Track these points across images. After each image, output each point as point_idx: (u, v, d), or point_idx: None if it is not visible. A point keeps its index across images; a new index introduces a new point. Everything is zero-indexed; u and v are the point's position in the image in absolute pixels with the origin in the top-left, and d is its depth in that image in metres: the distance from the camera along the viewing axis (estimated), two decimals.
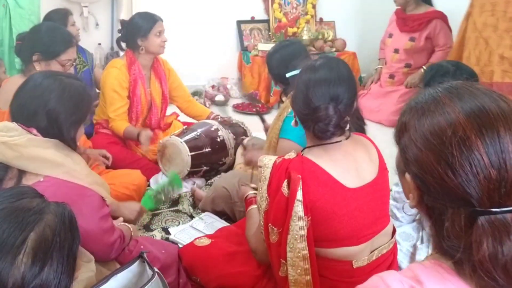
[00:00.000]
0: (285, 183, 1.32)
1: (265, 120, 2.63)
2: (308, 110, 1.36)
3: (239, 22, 4.90)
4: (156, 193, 2.35)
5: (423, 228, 1.89)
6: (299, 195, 1.29)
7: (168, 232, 2.29)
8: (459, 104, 0.74)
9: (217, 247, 1.80)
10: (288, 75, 2.04)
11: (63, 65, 2.28)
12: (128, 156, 2.80)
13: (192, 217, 2.45)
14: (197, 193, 2.61)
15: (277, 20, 4.92)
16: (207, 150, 2.75)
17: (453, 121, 0.73)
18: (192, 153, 2.66)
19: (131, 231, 1.71)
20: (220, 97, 4.66)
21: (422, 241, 1.94)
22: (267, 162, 1.40)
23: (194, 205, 2.58)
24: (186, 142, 2.69)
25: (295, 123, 1.46)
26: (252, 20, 4.96)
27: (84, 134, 2.71)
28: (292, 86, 1.49)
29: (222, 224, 2.31)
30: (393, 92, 4.15)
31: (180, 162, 2.68)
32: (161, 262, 1.67)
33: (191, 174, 2.77)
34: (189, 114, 3.20)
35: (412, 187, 0.79)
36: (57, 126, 1.45)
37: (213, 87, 4.72)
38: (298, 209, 1.29)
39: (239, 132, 2.98)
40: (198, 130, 2.81)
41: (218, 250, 1.78)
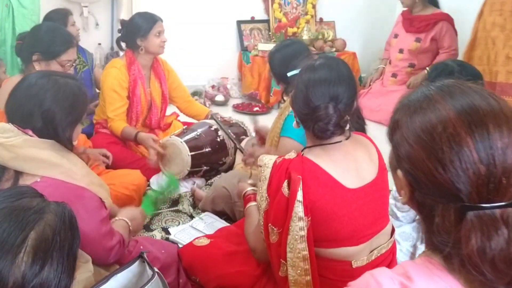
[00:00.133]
0: (286, 183, 1.32)
1: (258, 121, 2.58)
2: (308, 110, 1.35)
3: (239, 22, 4.90)
4: (156, 197, 2.38)
5: None
6: (300, 196, 1.28)
7: (168, 232, 2.29)
8: (450, 102, 0.75)
9: (217, 247, 1.80)
10: (289, 75, 2.04)
11: (63, 66, 2.27)
12: (128, 156, 2.80)
13: (192, 217, 2.45)
14: (197, 193, 2.61)
15: (277, 20, 4.92)
16: (207, 150, 2.76)
17: (444, 118, 0.74)
18: (192, 153, 2.66)
19: (129, 226, 1.66)
20: (220, 97, 4.66)
21: (422, 241, 1.93)
22: (267, 162, 1.40)
23: (194, 205, 2.58)
24: (186, 142, 2.69)
25: (297, 124, 1.46)
26: (252, 20, 4.96)
27: (84, 134, 2.72)
28: (293, 86, 1.49)
29: (222, 224, 2.31)
30: (395, 92, 4.15)
31: (180, 162, 2.68)
32: (161, 262, 1.67)
33: (191, 174, 2.77)
34: (189, 114, 3.19)
35: (404, 184, 0.81)
36: (53, 127, 1.43)
37: (213, 87, 4.72)
38: (298, 210, 1.29)
39: (239, 132, 2.98)
40: (198, 130, 2.81)
41: (218, 250, 1.78)
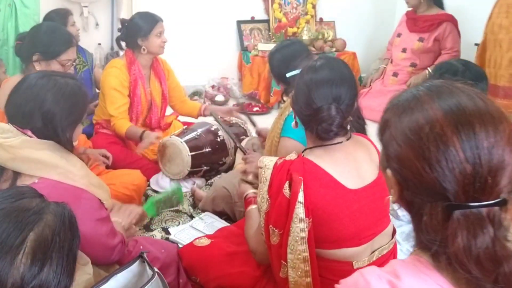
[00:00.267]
0: (287, 185, 1.31)
1: (256, 124, 2.59)
2: (310, 111, 1.35)
3: (239, 22, 4.90)
4: (159, 203, 2.38)
5: None
6: (301, 197, 1.28)
7: (168, 232, 2.29)
8: (438, 102, 0.76)
9: (217, 247, 1.80)
10: (288, 75, 2.04)
11: (63, 65, 2.27)
12: (128, 156, 2.80)
13: (192, 217, 2.45)
14: (197, 193, 2.61)
15: (277, 20, 4.91)
16: (207, 150, 2.75)
17: (431, 118, 0.75)
18: (192, 153, 2.66)
19: (122, 225, 1.67)
20: (220, 97, 4.66)
21: None
22: (268, 163, 1.39)
23: (194, 205, 2.58)
24: (186, 142, 2.69)
25: (295, 125, 1.45)
26: (252, 20, 4.96)
27: (84, 134, 2.71)
28: (293, 86, 1.48)
29: (222, 224, 2.31)
30: (395, 92, 4.13)
31: (180, 162, 2.68)
32: (161, 262, 1.66)
33: (191, 174, 2.76)
34: (183, 113, 3.19)
35: (393, 182, 0.81)
36: (53, 127, 1.42)
37: (213, 87, 4.72)
38: (299, 211, 1.28)
39: (239, 132, 2.98)
40: (198, 130, 2.81)
41: (218, 250, 1.77)
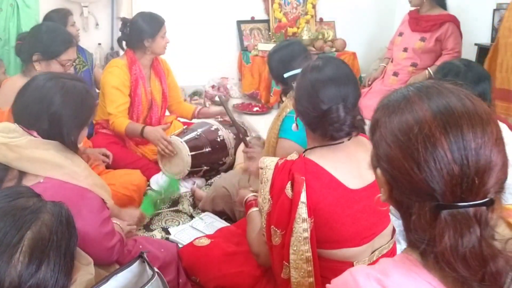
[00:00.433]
0: (289, 185, 1.30)
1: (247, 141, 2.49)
2: (319, 112, 1.32)
3: (239, 22, 4.89)
4: (156, 198, 2.37)
5: None
6: (303, 197, 1.27)
7: (168, 232, 2.29)
8: (427, 103, 0.77)
9: (217, 247, 1.80)
10: (286, 75, 2.04)
11: (63, 65, 2.27)
12: (128, 156, 2.80)
13: (192, 217, 2.45)
14: (197, 193, 2.61)
15: (277, 20, 4.91)
16: (207, 150, 2.75)
17: (420, 119, 0.76)
18: (192, 153, 2.66)
19: (122, 229, 1.69)
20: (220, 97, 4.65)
21: None
22: (269, 164, 1.39)
23: (194, 205, 2.58)
24: (186, 142, 2.69)
25: (296, 127, 1.44)
26: (252, 20, 4.96)
27: None
28: (293, 87, 1.46)
29: (222, 224, 2.31)
30: None
31: (180, 162, 2.68)
32: (161, 261, 1.67)
33: (191, 174, 2.77)
34: (179, 114, 3.20)
35: (383, 182, 0.83)
36: (59, 129, 1.44)
37: (213, 87, 4.72)
38: (302, 211, 1.28)
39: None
40: (198, 130, 2.81)
41: (218, 250, 1.77)
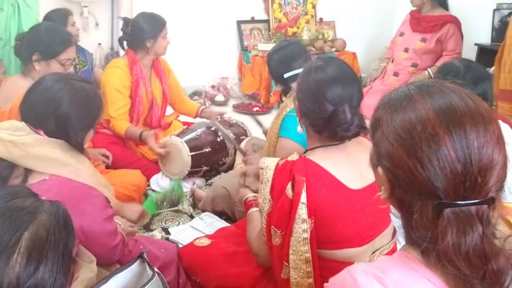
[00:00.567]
0: (289, 185, 1.30)
1: (262, 124, 2.61)
2: (325, 114, 1.31)
3: (239, 22, 4.90)
4: (160, 199, 2.37)
5: None
6: (303, 198, 1.27)
7: (168, 232, 2.29)
8: (429, 102, 0.77)
9: (217, 247, 1.79)
10: (286, 76, 2.03)
11: (63, 65, 2.26)
12: (128, 156, 2.80)
13: (192, 217, 2.45)
14: (197, 193, 2.60)
15: (277, 20, 4.91)
16: (207, 150, 2.75)
17: (423, 118, 0.76)
18: (192, 153, 2.66)
19: (122, 226, 1.68)
20: (220, 97, 4.66)
21: None
22: (269, 164, 1.38)
23: (194, 205, 2.58)
24: (186, 142, 2.68)
25: (301, 129, 1.43)
26: (252, 20, 4.96)
27: None
28: (293, 88, 1.46)
29: (222, 224, 2.31)
30: None
31: (180, 162, 2.68)
32: (161, 261, 1.67)
33: (191, 174, 2.76)
34: (182, 112, 3.20)
35: (384, 180, 0.83)
36: (65, 130, 1.45)
37: (213, 87, 4.72)
38: (302, 212, 1.27)
39: (239, 133, 2.98)
40: (198, 130, 2.81)
41: (218, 251, 1.77)
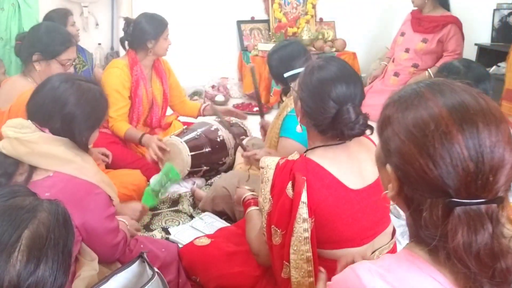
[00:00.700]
0: (290, 185, 1.30)
1: (264, 117, 2.61)
2: (329, 113, 1.31)
3: (239, 22, 4.90)
4: (154, 187, 2.35)
5: None
6: (304, 197, 1.27)
7: (168, 232, 2.29)
8: (442, 100, 0.77)
9: (217, 247, 1.80)
10: (286, 75, 2.04)
11: (63, 65, 2.27)
12: (128, 156, 2.79)
13: (192, 217, 2.44)
14: (197, 193, 2.60)
15: (277, 20, 4.91)
16: (207, 150, 2.75)
17: (436, 115, 0.75)
18: (192, 153, 2.66)
19: (127, 226, 1.70)
20: (220, 97, 4.66)
21: None
22: (270, 163, 1.38)
23: (194, 205, 2.58)
24: (186, 142, 2.68)
25: (301, 129, 1.43)
26: (252, 20, 4.96)
27: None
28: (294, 87, 1.45)
29: (222, 224, 2.30)
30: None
31: (180, 162, 2.67)
32: (161, 261, 1.67)
33: (191, 174, 2.76)
34: (183, 113, 3.19)
35: (392, 178, 0.82)
36: (71, 129, 1.46)
37: (213, 87, 4.72)
38: (303, 211, 1.27)
39: (239, 132, 2.98)
40: (198, 130, 2.81)
41: (218, 250, 1.77)
